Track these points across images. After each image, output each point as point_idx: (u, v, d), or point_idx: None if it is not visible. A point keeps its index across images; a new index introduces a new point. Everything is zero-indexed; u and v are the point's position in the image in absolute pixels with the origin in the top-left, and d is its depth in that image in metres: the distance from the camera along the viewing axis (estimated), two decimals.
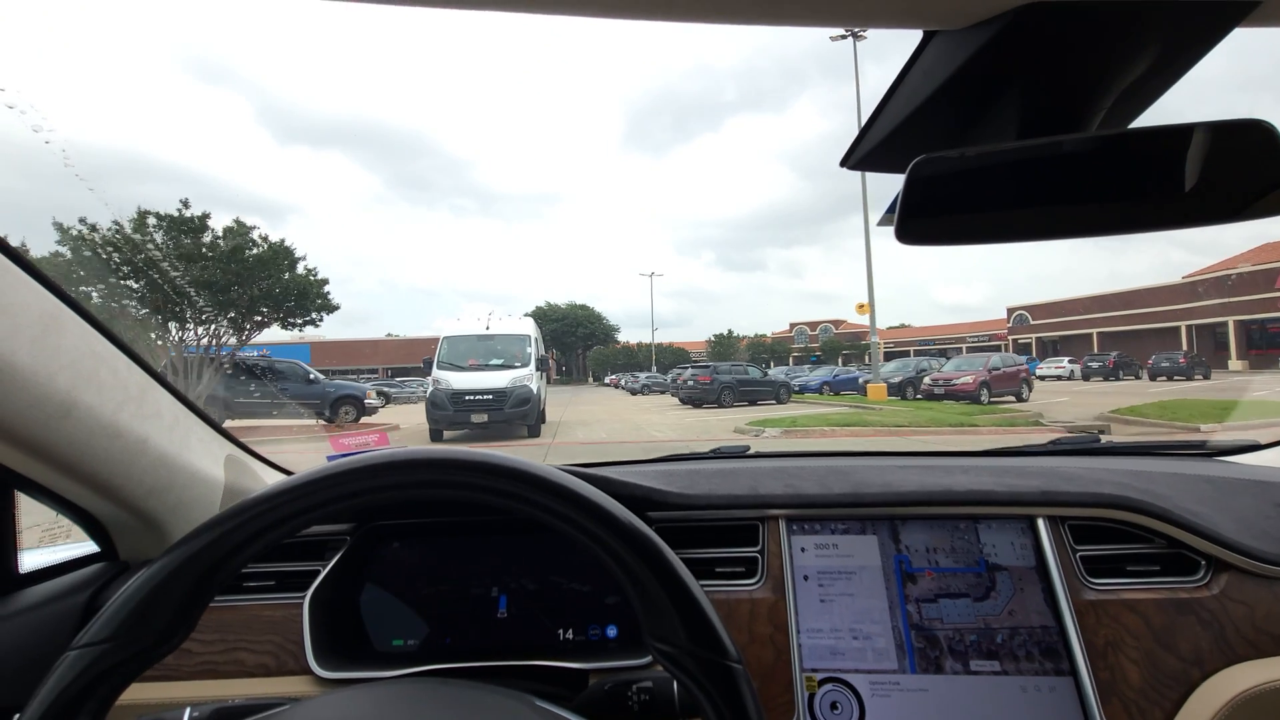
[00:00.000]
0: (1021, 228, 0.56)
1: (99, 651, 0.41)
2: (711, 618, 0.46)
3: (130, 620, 0.42)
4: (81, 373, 0.67)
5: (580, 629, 0.87)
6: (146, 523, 0.82)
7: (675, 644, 0.46)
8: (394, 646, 0.87)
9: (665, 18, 0.45)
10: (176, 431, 0.83)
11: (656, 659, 0.46)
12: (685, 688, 0.46)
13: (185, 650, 0.83)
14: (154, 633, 0.43)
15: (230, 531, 0.44)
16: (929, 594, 0.83)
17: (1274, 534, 0.82)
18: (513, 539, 0.91)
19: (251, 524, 0.45)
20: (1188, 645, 0.77)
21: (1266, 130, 0.48)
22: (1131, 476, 0.91)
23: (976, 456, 1.11)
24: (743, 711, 0.44)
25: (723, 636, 0.46)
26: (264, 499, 0.45)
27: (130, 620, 0.42)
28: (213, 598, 0.46)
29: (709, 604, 0.47)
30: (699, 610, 0.46)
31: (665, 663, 0.46)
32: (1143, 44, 0.46)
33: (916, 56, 0.50)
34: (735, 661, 0.46)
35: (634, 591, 0.47)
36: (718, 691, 0.44)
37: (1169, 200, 0.53)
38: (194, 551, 0.44)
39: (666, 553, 0.47)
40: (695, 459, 1.17)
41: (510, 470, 0.47)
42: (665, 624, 0.46)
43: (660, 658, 0.46)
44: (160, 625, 0.43)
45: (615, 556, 0.47)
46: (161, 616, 0.43)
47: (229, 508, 0.46)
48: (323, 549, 0.90)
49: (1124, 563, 0.84)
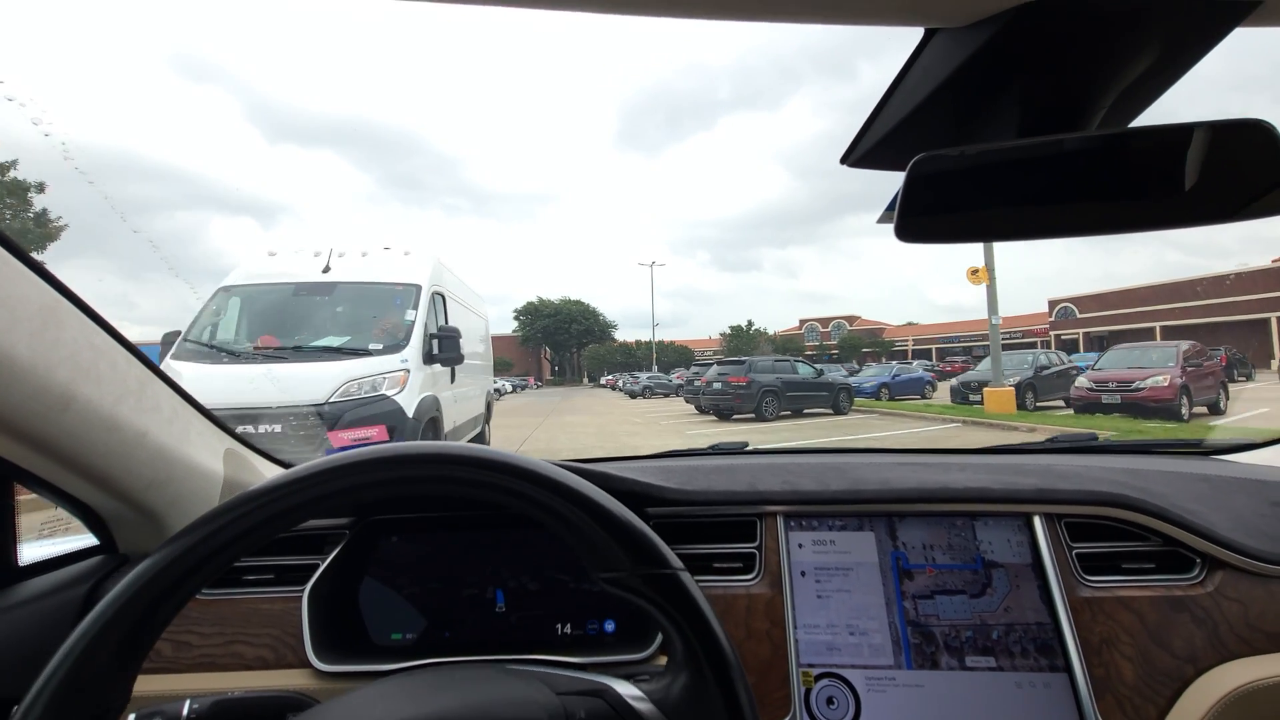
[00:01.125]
0: (1021, 226, 0.56)
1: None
2: (646, 536, 0.49)
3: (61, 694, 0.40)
4: (81, 366, 0.67)
5: (578, 624, 0.88)
6: (145, 516, 0.82)
7: (619, 569, 0.48)
8: (392, 640, 0.87)
9: (666, 13, 0.45)
10: (175, 425, 0.84)
11: (608, 590, 0.48)
12: (642, 609, 0.48)
13: (184, 643, 0.83)
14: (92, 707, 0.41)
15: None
16: (925, 590, 0.83)
17: (1269, 532, 0.82)
18: (511, 534, 0.92)
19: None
20: (1182, 642, 0.77)
21: (1266, 130, 0.48)
22: (1128, 474, 0.91)
23: (974, 454, 1.11)
24: (696, 612, 0.46)
25: (661, 549, 0.48)
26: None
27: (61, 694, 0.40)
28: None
29: (641, 524, 0.49)
30: (632, 532, 0.48)
31: (616, 590, 0.48)
32: (1143, 43, 0.46)
33: (917, 54, 0.50)
34: (679, 569, 0.48)
35: (569, 535, 0.49)
36: (669, 601, 0.47)
37: (1168, 199, 0.53)
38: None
39: (586, 487, 0.49)
40: (694, 455, 1.18)
41: (446, 456, 0.48)
42: (605, 555, 0.48)
43: (610, 587, 0.48)
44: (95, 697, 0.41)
45: (541, 506, 0.48)
46: (95, 686, 0.41)
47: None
48: (322, 543, 0.90)
49: (1119, 560, 0.84)
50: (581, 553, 0.49)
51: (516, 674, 0.51)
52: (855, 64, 52.37)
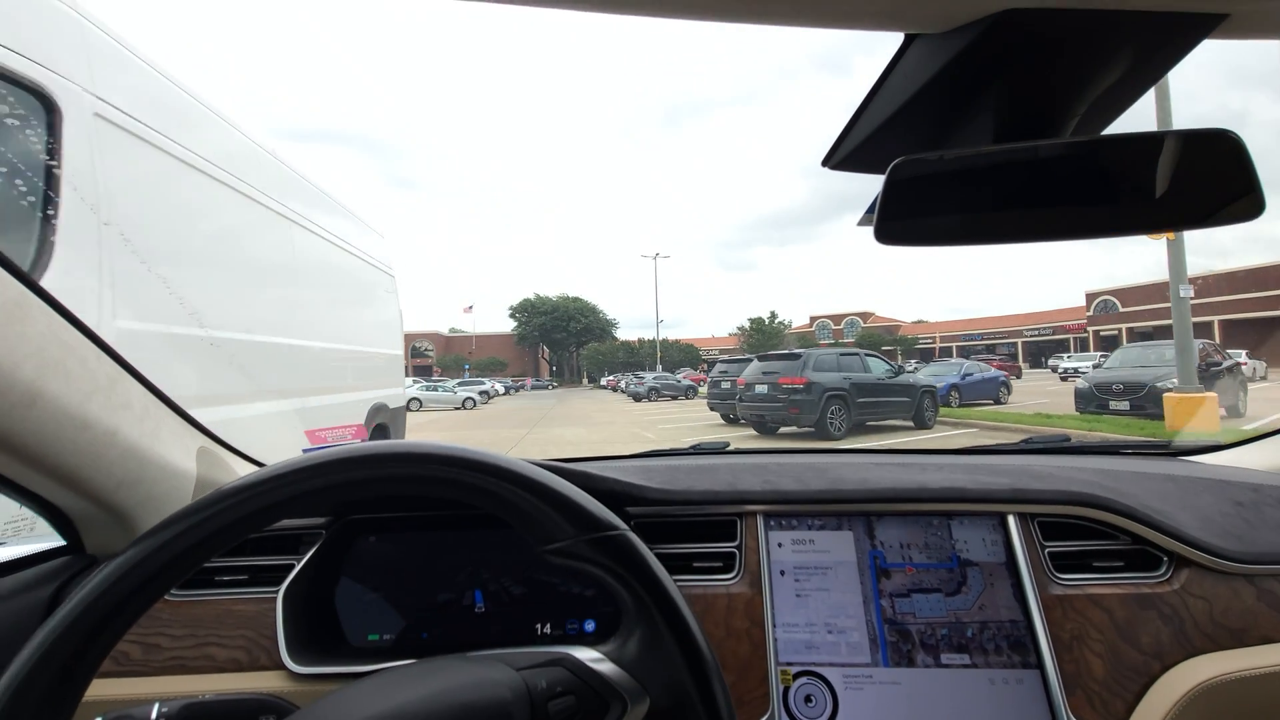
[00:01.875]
0: (998, 230, 0.57)
1: None
2: (582, 502, 0.49)
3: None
4: (48, 361, 0.65)
5: (558, 623, 0.87)
6: (115, 516, 0.80)
7: (562, 538, 0.48)
8: (369, 641, 0.86)
9: (651, 13, 0.45)
10: (147, 423, 0.82)
11: (556, 562, 0.48)
12: (593, 577, 0.48)
13: (154, 645, 0.81)
14: None
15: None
16: (902, 589, 0.84)
17: (1233, 532, 0.85)
18: (490, 533, 0.91)
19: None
20: (1149, 639, 0.79)
21: (1232, 140, 0.49)
22: (1099, 475, 0.93)
23: (950, 454, 1.13)
24: (643, 567, 0.47)
25: (602, 514, 0.49)
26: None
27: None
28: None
29: (575, 490, 0.49)
30: (566, 500, 0.48)
31: (562, 561, 0.48)
32: (1116, 52, 0.47)
33: (897, 59, 0.51)
34: (623, 530, 0.48)
35: (508, 514, 0.49)
36: (616, 562, 0.47)
37: (1140, 206, 0.54)
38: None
39: (511, 463, 0.49)
40: (675, 455, 1.18)
41: (395, 455, 0.48)
42: (545, 526, 0.48)
43: (557, 559, 0.48)
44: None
45: (475, 490, 0.48)
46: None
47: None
48: (297, 543, 0.89)
49: (1090, 558, 0.86)
50: (523, 529, 0.49)
51: (476, 659, 0.51)
52: (853, 62, 52.31)
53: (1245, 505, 0.89)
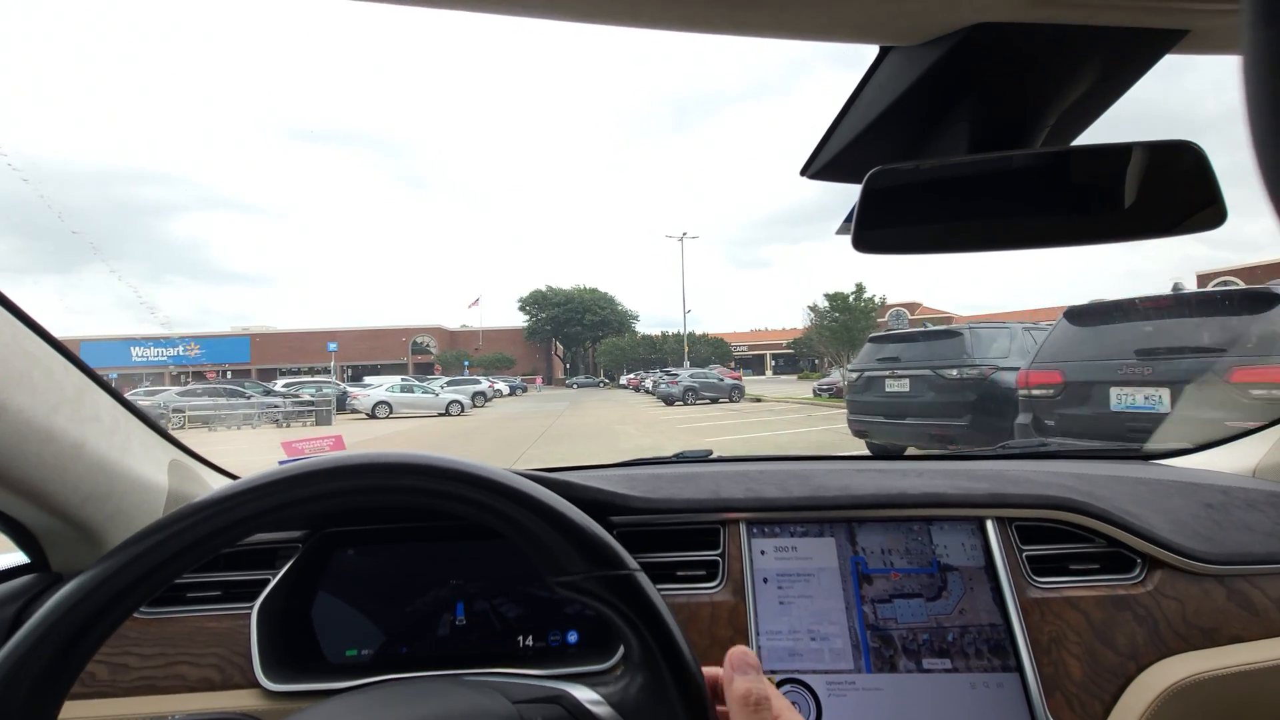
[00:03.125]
0: (972, 239, 0.58)
1: None
2: (600, 537, 0.48)
3: None
4: (11, 372, 0.64)
5: (540, 635, 0.86)
6: (82, 532, 0.78)
7: (572, 572, 0.47)
8: (348, 657, 0.85)
9: (632, 24, 0.45)
10: (117, 435, 0.80)
11: (563, 594, 0.47)
12: (599, 613, 0.47)
13: (122, 665, 0.79)
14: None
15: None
16: (884, 595, 0.85)
17: (1203, 533, 0.87)
18: (471, 545, 0.90)
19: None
20: (1125, 640, 0.81)
21: (1195, 151, 0.51)
22: (1074, 479, 0.95)
23: (930, 460, 1.14)
24: (652, 612, 0.45)
25: (616, 551, 0.47)
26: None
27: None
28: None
29: (594, 525, 0.48)
30: (584, 534, 0.47)
31: (571, 593, 0.47)
32: (1083, 66, 0.48)
33: (873, 71, 0.52)
34: (633, 570, 0.47)
35: (521, 539, 0.48)
36: (624, 602, 0.46)
37: (1109, 215, 0.56)
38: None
39: (535, 490, 0.48)
40: (658, 464, 1.18)
41: (408, 466, 0.47)
42: (557, 558, 0.47)
43: (565, 590, 0.47)
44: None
45: (491, 511, 0.47)
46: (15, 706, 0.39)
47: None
48: (273, 557, 0.87)
49: (1067, 562, 0.87)
50: (534, 556, 0.48)
51: (471, 684, 0.50)
52: (867, 57, 53.19)
53: (1215, 507, 0.91)
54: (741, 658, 0.44)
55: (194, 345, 31.54)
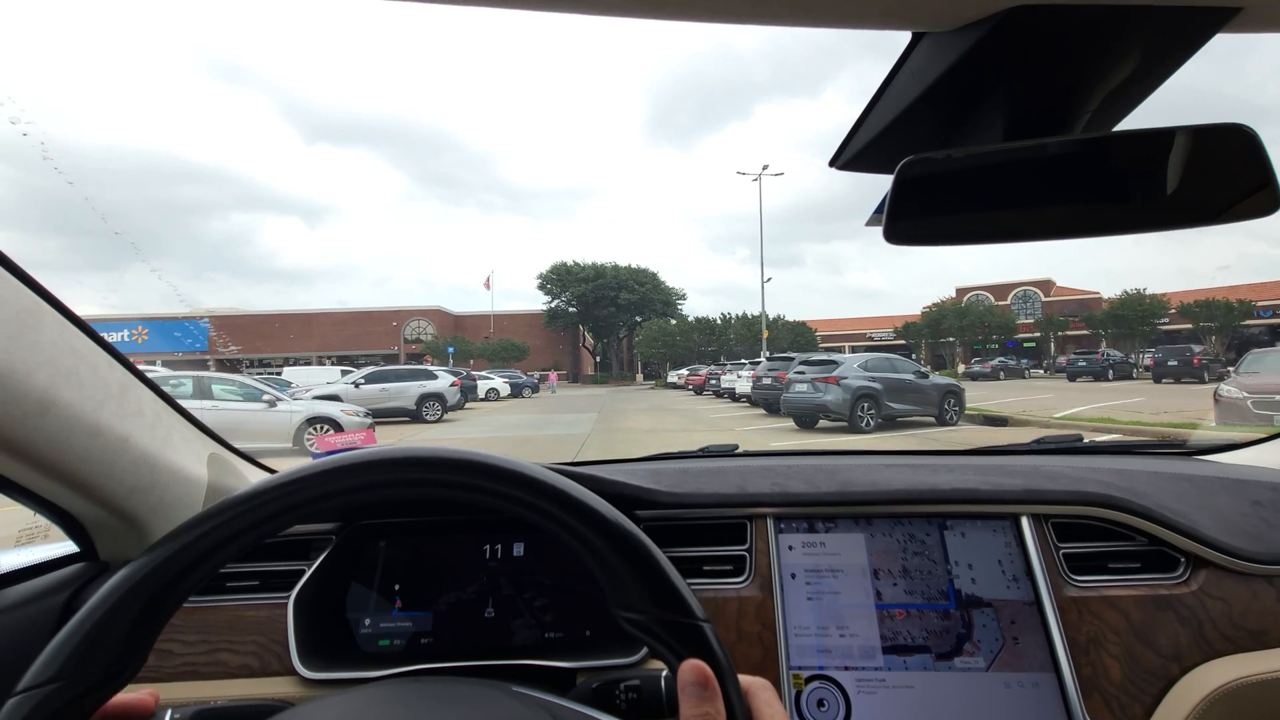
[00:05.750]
0: (1007, 228, 0.56)
1: (44, 694, 0.39)
2: (674, 580, 0.46)
3: (76, 655, 0.40)
4: (60, 369, 0.66)
5: (568, 628, 0.87)
6: (127, 522, 0.81)
7: (641, 611, 0.46)
8: (380, 647, 0.87)
9: (653, 15, 0.45)
10: (159, 430, 0.82)
11: (625, 628, 0.47)
12: (657, 653, 0.46)
13: (166, 651, 0.82)
14: (101, 668, 0.41)
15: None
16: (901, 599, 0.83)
17: (1251, 532, 0.83)
18: (500, 538, 0.91)
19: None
20: (1167, 641, 0.78)
21: (1247, 134, 0.49)
22: (1113, 475, 0.92)
23: (961, 455, 1.12)
24: (716, 667, 0.44)
25: (687, 597, 0.46)
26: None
27: (76, 655, 0.40)
28: (167, 620, 0.44)
29: (670, 567, 0.47)
30: (660, 574, 0.46)
31: (634, 631, 0.46)
32: (1127, 48, 0.46)
33: (905, 58, 0.51)
34: (703, 620, 0.46)
35: (595, 564, 0.47)
36: (689, 652, 0.44)
37: (1151, 202, 0.54)
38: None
39: (621, 521, 0.47)
40: (684, 458, 1.18)
41: (464, 463, 0.47)
42: (629, 593, 0.46)
43: (629, 626, 0.46)
44: (108, 658, 0.41)
45: (572, 531, 0.47)
46: (110, 648, 0.41)
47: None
48: (308, 549, 0.89)
49: (1106, 560, 0.85)
50: (604, 583, 0.47)
51: (518, 696, 0.49)
52: (899, 43, 50.16)
53: (1264, 505, 0.88)
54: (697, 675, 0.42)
55: (142, 329, 26.23)
